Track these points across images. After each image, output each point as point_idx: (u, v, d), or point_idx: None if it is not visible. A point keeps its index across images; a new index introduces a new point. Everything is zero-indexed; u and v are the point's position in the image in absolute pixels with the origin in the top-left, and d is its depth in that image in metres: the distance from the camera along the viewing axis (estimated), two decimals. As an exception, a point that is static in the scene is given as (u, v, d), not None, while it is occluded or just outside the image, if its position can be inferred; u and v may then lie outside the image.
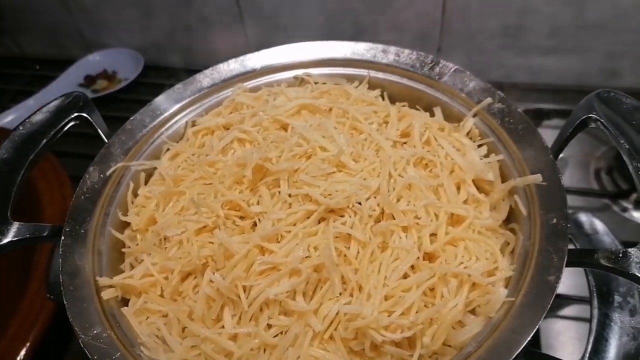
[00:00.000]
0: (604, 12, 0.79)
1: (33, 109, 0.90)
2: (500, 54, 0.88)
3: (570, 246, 0.37)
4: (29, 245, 0.43)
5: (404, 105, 0.53)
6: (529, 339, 0.32)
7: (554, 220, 0.38)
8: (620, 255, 0.33)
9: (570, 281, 0.57)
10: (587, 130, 0.43)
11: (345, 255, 0.40)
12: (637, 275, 0.32)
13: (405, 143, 0.49)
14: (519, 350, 0.32)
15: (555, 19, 0.82)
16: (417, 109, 0.53)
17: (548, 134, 0.45)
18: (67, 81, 1.03)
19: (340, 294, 0.39)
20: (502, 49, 0.87)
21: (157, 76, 1.01)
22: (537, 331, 0.54)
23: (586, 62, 0.86)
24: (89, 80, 1.04)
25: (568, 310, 0.57)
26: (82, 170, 0.49)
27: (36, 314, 0.54)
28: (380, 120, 0.51)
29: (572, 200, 0.68)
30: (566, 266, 0.35)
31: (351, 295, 0.39)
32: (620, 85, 0.86)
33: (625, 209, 0.68)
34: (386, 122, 0.51)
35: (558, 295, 0.53)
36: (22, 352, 0.52)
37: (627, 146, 0.38)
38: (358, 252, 0.40)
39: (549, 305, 0.33)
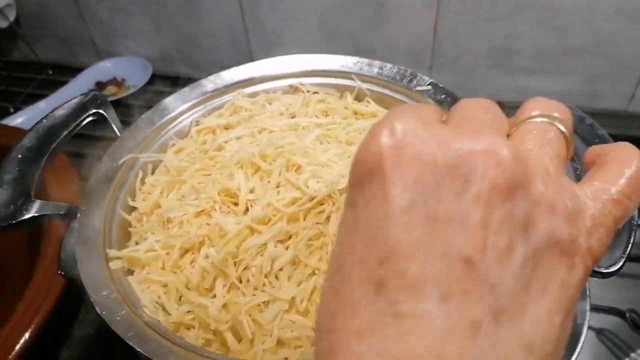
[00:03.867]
0: (584, 38, 0.85)
1: (45, 111, 0.94)
2: (487, 74, 0.94)
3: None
4: (48, 220, 0.48)
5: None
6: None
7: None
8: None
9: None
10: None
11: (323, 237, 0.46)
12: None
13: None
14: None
15: (539, 43, 0.87)
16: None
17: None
18: (79, 86, 1.08)
19: (314, 273, 0.45)
20: (489, 69, 0.93)
21: (164, 84, 1.07)
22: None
23: (568, 84, 0.91)
24: (99, 86, 1.09)
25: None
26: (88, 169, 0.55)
27: (42, 298, 0.59)
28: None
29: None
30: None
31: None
32: (600, 107, 0.91)
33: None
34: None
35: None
36: (27, 335, 0.56)
37: (570, 150, 0.43)
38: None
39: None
